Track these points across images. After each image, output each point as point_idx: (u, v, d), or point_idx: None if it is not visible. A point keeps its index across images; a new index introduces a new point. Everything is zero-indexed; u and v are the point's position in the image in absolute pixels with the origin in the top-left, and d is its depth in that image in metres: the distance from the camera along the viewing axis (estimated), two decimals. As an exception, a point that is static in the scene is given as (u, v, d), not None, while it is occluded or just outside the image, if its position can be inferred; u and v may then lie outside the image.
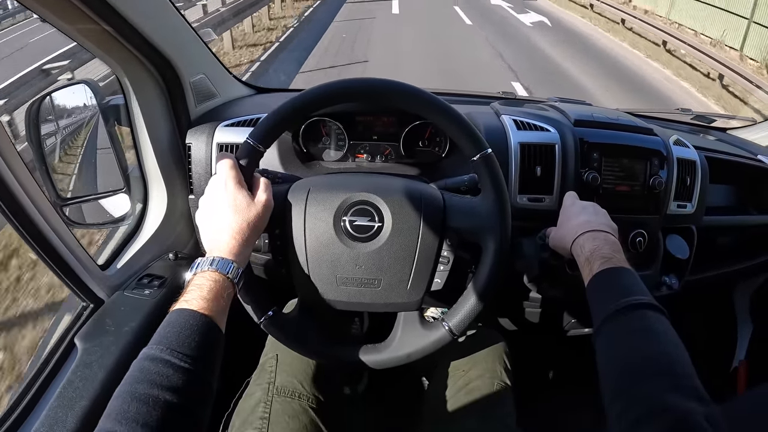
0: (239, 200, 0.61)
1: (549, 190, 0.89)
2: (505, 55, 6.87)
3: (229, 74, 1.10)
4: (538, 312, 1.00)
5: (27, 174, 0.67)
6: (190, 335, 0.49)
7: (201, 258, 0.57)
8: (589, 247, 0.66)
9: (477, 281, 0.68)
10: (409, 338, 0.70)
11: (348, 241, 0.66)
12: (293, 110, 0.65)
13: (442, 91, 1.24)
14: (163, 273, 0.88)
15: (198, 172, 0.91)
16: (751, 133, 1.36)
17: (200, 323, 0.50)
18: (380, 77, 0.66)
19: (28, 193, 0.66)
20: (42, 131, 0.92)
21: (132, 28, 0.73)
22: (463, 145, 0.67)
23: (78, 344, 0.72)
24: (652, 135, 0.94)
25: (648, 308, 0.55)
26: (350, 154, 1.00)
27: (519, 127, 0.91)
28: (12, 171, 0.63)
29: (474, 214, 0.68)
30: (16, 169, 0.64)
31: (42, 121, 0.91)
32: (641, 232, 0.90)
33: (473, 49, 7.26)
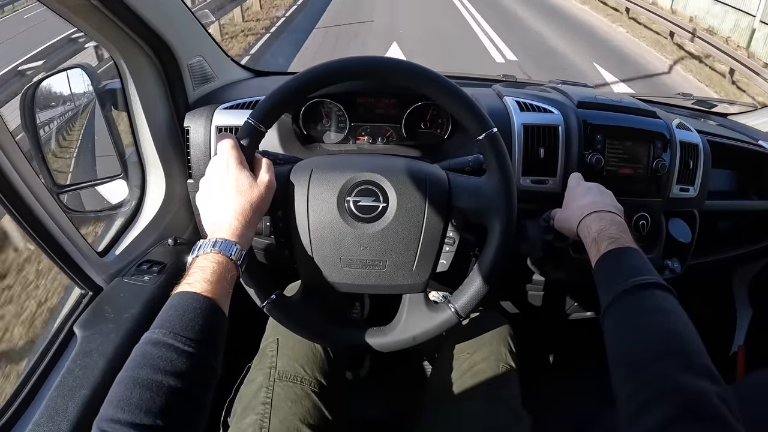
0: (241, 181, 0.59)
1: (552, 171, 0.88)
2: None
3: (227, 57, 1.08)
4: (541, 295, 1.00)
5: (24, 161, 0.66)
6: (193, 318, 0.47)
7: (203, 240, 0.56)
8: (595, 228, 0.65)
9: (483, 262, 0.67)
10: (414, 320, 0.70)
11: (352, 221, 0.65)
12: (295, 89, 0.64)
13: (444, 72, 1.23)
14: (163, 258, 0.87)
15: (197, 155, 0.90)
16: (751, 118, 1.35)
17: (204, 306, 0.49)
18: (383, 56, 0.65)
19: (25, 180, 0.66)
20: (37, 117, 0.90)
21: (129, 9, 0.72)
22: (468, 124, 0.66)
23: (77, 332, 0.71)
24: (656, 118, 0.93)
25: (656, 288, 0.55)
26: (351, 136, 0.99)
27: (522, 108, 0.91)
28: (9, 158, 0.62)
29: (480, 194, 0.68)
30: (12, 157, 0.63)
31: (37, 106, 0.90)
32: (644, 215, 0.90)
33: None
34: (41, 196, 0.69)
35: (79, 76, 0.95)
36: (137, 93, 0.84)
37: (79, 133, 1.01)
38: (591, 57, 6.26)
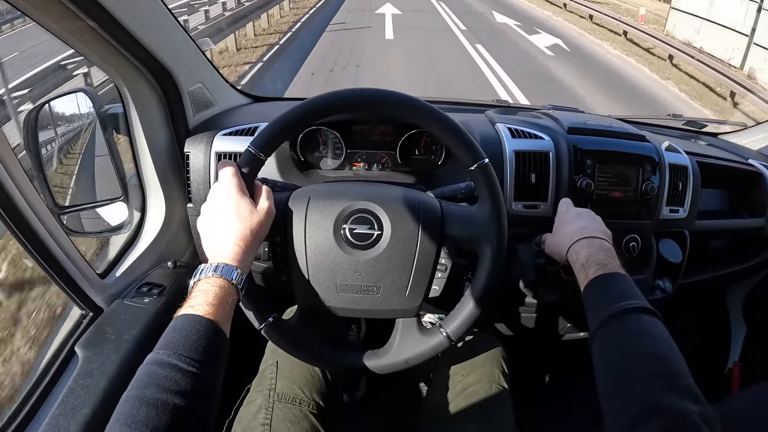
0: (242, 207, 0.61)
1: (544, 196, 0.90)
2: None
3: (226, 83, 1.10)
4: (534, 317, 1.01)
5: (27, 181, 0.67)
6: (196, 340, 0.49)
7: (204, 264, 0.58)
8: (584, 254, 0.67)
9: (474, 288, 0.69)
10: (407, 344, 0.71)
11: (348, 248, 0.67)
12: (294, 120, 0.66)
13: (437, 99, 1.26)
14: (162, 281, 0.88)
15: (196, 180, 0.92)
16: (741, 137, 1.38)
17: (206, 328, 0.51)
18: (379, 87, 0.67)
19: (28, 200, 0.67)
20: (40, 139, 0.92)
21: (132, 37, 0.74)
22: (461, 154, 0.68)
23: (79, 352, 0.73)
24: (644, 141, 0.95)
25: (643, 312, 0.57)
26: (347, 163, 1.01)
27: (514, 135, 0.93)
28: (12, 178, 0.64)
29: (471, 223, 0.70)
30: (16, 177, 0.64)
31: (40, 129, 0.92)
32: (635, 237, 0.92)
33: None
34: (43, 217, 0.70)
35: (81, 99, 0.97)
36: (139, 118, 0.85)
37: (80, 155, 1.02)
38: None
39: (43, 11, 0.63)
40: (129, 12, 0.71)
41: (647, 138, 0.96)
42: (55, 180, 0.97)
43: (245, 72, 6.08)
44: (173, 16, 0.86)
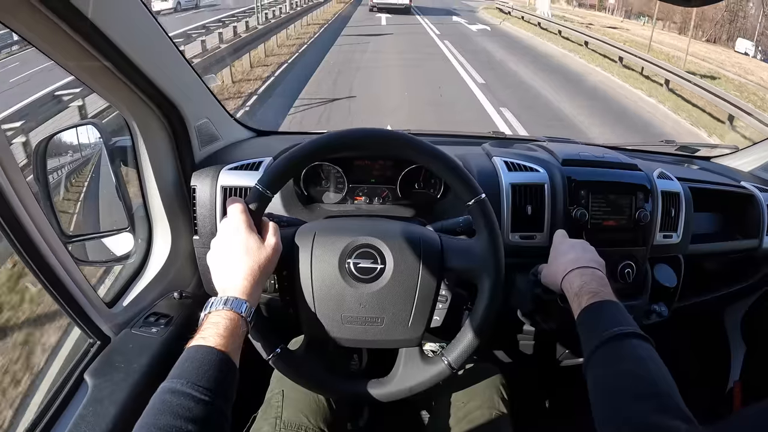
0: (250, 243, 0.64)
1: (540, 227, 0.93)
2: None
3: (231, 117, 1.14)
4: (532, 344, 1.02)
5: (39, 210, 0.69)
6: (208, 370, 0.52)
7: (214, 297, 0.60)
8: (578, 283, 0.70)
9: (474, 318, 0.71)
10: (410, 373, 0.73)
11: (352, 282, 0.70)
12: (298, 160, 0.69)
13: (437, 132, 1.30)
14: (169, 311, 0.90)
15: (202, 213, 0.94)
16: (733, 160, 1.41)
17: (218, 359, 0.53)
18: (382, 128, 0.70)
19: (39, 229, 0.69)
20: (49, 169, 0.95)
21: (142, 75, 0.77)
22: (459, 190, 0.71)
23: (88, 380, 0.74)
24: (637, 170, 0.98)
25: (633, 337, 0.60)
26: (349, 197, 1.04)
27: (510, 168, 0.96)
28: (25, 207, 0.66)
29: (470, 255, 0.72)
30: (28, 206, 0.66)
31: (49, 159, 0.94)
32: (629, 264, 0.94)
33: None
34: (54, 245, 0.72)
35: (90, 131, 1.00)
36: (147, 151, 0.88)
37: (88, 186, 1.05)
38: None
39: (62, 52, 0.67)
40: (141, 51, 0.75)
41: (639, 167, 0.99)
42: (63, 209, 0.99)
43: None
44: (181, 54, 0.90)
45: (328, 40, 11.25)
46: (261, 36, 8.62)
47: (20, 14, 0.58)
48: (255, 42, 8.20)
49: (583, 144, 1.16)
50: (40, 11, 0.58)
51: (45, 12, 0.58)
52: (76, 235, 0.95)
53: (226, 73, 6.88)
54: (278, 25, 9.90)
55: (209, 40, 7.12)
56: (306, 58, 9.13)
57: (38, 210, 0.69)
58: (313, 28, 12.63)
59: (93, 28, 0.64)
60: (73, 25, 0.62)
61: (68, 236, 0.91)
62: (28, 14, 0.58)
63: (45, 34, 0.62)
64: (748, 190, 1.20)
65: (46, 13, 0.59)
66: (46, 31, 0.61)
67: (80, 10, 0.60)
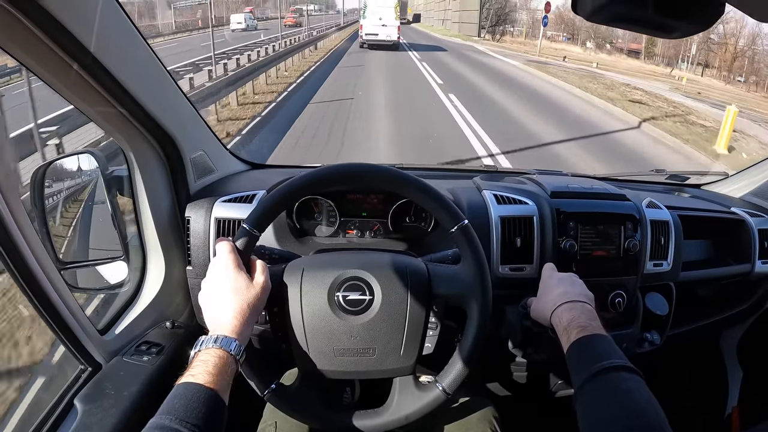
0: (239, 283, 0.65)
1: (529, 259, 0.94)
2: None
3: (226, 150, 1.16)
4: (525, 375, 1.02)
5: (35, 236, 0.70)
6: (197, 407, 0.52)
7: (204, 336, 0.61)
8: (567, 318, 0.71)
9: (465, 342, 0.72)
10: (406, 401, 0.73)
11: (342, 314, 0.70)
12: (284, 197, 0.71)
13: (427, 166, 1.32)
14: (161, 341, 0.90)
15: (196, 244, 0.95)
16: (723, 186, 1.43)
17: (207, 396, 0.54)
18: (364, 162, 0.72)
19: (35, 254, 0.69)
20: (46, 196, 0.96)
21: (140, 106, 0.79)
22: (442, 218, 0.73)
23: (78, 405, 0.74)
24: (625, 200, 1.00)
25: (621, 370, 0.61)
26: (341, 230, 1.05)
27: (499, 201, 0.97)
28: (22, 232, 0.66)
29: (456, 281, 0.73)
30: (25, 231, 0.67)
31: (47, 185, 0.95)
32: (620, 293, 0.95)
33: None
34: (49, 271, 0.72)
35: (88, 160, 1.01)
36: (143, 182, 0.90)
37: (83, 214, 1.06)
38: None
39: (63, 82, 0.68)
40: (140, 84, 0.77)
41: (628, 197, 1.01)
42: (58, 236, 1.00)
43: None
44: (179, 88, 0.92)
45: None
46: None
47: (23, 44, 0.60)
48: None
49: (572, 176, 1.18)
50: (43, 41, 0.60)
51: (48, 43, 0.60)
52: (71, 262, 0.96)
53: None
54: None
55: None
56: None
57: (35, 235, 0.70)
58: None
59: (94, 61, 0.66)
60: (75, 57, 0.64)
61: (63, 263, 0.91)
62: (30, 44, 0.60)
63: (46, 64, 0.64)
64: (738, 215, 1.22)
65: (50, 45, 0.61)
66: (47, 61, 0.63)
67: (83, 43, 0.63)
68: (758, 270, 1.18)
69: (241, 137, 6.10)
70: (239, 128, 6.41)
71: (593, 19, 0.40)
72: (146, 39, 0.80)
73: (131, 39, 0.76)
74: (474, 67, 14.69)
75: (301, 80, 10.42)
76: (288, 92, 9.04)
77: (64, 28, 0.59)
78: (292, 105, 7.93)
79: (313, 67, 12.29)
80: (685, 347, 1.35)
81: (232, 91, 7.44)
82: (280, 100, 8.37)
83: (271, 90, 9.08)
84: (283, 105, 7.99)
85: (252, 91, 8.33)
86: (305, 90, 9.36)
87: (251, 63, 8.86)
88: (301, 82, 10.19)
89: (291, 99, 8.51)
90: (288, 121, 6.73)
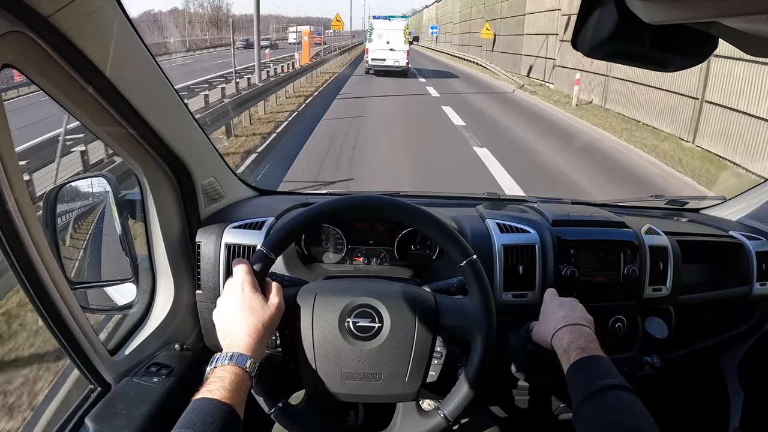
0: (255, 303, 0.68)
1: (531, 286, 0.96)
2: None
3: (235, 177, 1.19)
4: (527, 398, 1.03)
5: (51, 256, 0.72)
6: (214, 421, 0.54)
7: (220, 353, 0.64)
8: (566, 340, 0.73)
9: (468, 373, 0.74)
10: (407, 426, 0.75)
11: (351, 339, 0.73)
12: (299, 224, 0.75)
13: (431, 194, 1.35)
14: (170, 362, 0.92)
15: (206, 269, 0.97)
16: (722, 210, 1.45)
17: (223, 412, 0.56)
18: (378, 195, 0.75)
19: (50, 274, 0.71)
20: (58, 217, 0.98)
21: (155, 134, 0.82)
22: (451, 252, 0.76)
23: (89, 424, 0.76)
24: (624, 227, 1.02)
25: (618, 389, 0.64)
26: (348, 257, 1.08)
27: (502, 230, 1.00)
28: (37, 250, 0.68)
29: (463, 314, 0.76)
30: (41, 249, 0.69)
31: (59, 206, 0.98)
32: (620, 318, 0.97)
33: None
34: (63, 290, 0.74)
35: (100, 183, 1.04)
36: (155, 206, 0.92)
37: (95, 235, 1.08)
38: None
39: (79, 106, 0.71)
40: (155, 111, 0.80)
41: (627, 224, 1.03)
42: (69, 257, 1.02)
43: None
44: (192, 115, 0.95)
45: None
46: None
47: (39, 66, 0.61)
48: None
49: (573, 203, 1.20)
50: (59, 64, 0.62)
51: (64, 66, 0.63)
52: (81, 282, 0.98)
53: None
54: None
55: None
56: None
57: (50, 254, 0.72)
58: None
59: (109, 86, 0.69)
60: (92, 83, 0.67)
61: (73, 283, 0.93)
62: (46, 67, 0.62)
63: (62, 86, 0.66)
64: (736, 239, 1.23)
65: (65, 67, 0.63)
66: (62, 83, 0.65)
67: (98, 67, 0.65)
68: (756, 292, 1.20)
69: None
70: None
71: (592, 54, 0.41)
72: (159, 65, 0.82)
73: (146, 64, 0.78)
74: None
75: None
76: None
77: (81, 53, 0.62)
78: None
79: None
80: (686, 369, 1.36)
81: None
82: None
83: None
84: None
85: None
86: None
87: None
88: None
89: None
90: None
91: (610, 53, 0.41)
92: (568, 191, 4.67)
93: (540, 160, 6.28)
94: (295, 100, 10.70)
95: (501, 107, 10.59)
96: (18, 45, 0.57)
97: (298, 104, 10.07)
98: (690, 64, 0.42)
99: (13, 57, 0.57)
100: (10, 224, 0.63)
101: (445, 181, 5.06)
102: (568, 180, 5.37)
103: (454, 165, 5.87)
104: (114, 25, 0.68)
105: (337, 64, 21.18)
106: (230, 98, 7.05)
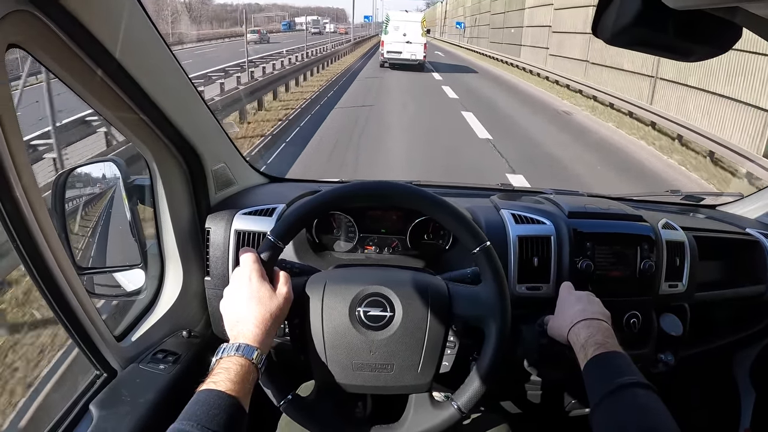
0: (262, 293, 0.66)
1: (546, 278, 0.94)
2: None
3: (246, 163, 1.17)
4: (540, 394, 1.02)
5: (57, 241, 0.71)
6: (218, 413, 0.53)
7: (226, 344, 0.62)
8: (584, 335, 0.71)
9: (481, 363, 0.73)
10: (420, 418, 0.74)
11: (362, 329, 0.71)
12: (308, 213, 0.73)
13: (446, 184, 1.33)
14: (177, 349, 0.91)
15: (215, 255, 0.96)
16: (739, 207, 1.42)
17: (228, 403, 0.55)
18: (390, 180, 0.73)
19: (57, 259, 0.70)
20: (67, 202, 0.97)
21: (165, 117, 0.81)
22: (464, 239, 0.73)
23: (93, 410, 0.75)
24: (641, 221, 1.00)
25: (638, 386, 0.62)
26: (360, 246, 1.06)
27: (517, 220, 0.98)
28: (44, 235, 0.67)
29: (476, 302, 0.74)
30: (48, 234, 0.68)
31: (68, 191, 0.97)
32: (635, 314, 0.95)
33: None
34: (69, 277, 0.73)
35: (110, 168, 1.03)
36: (164, 192, 0.91)
37: (103, 221, 1.07)
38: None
39: (89, 90, 0.70)
40: (166, 96, 0.79)
41: (644, 217, 1.01)
42: (77, 242, 1.01)
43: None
44: (203, 100, 0.94)
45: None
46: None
47: (48, 48, 0.60)
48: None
49: (589, 196, 1.18)
50: (68, 46, 0.61)
51: (73, 48, 0.61)
52: (89, 268, 0.97)
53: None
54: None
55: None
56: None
57: (56, 239, 0.71)
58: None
59: (119, 68, 0.67)
60: (101, 65, 0.66)
61: (81, 268, 0.93)
62: (55, 48, 0.61)
63: (71, 69, 0.65)
64: (753, 236, 1.21)
65: (75, 49, 0.62)
66: (72, 66, 0.64)
67: (108, 49, 0.64)
68: None
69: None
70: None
71: (614, 42, 0.40)
72: (171, 48, 0.81)
73: (156, 48, 0.77)
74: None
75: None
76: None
77: (89, 33, 0.60)
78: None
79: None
80: (698, 368, 1.34)
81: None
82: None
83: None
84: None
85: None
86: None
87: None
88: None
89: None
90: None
91: (632, 41, 0.40)
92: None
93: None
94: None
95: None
96: (24, 24, 0.55)
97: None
98: (713, 54, 0.41)
99: (20, 37, 0.56)
100: (17, 210, 0.62)
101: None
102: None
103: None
104: (124, 6, 0.67)
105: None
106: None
